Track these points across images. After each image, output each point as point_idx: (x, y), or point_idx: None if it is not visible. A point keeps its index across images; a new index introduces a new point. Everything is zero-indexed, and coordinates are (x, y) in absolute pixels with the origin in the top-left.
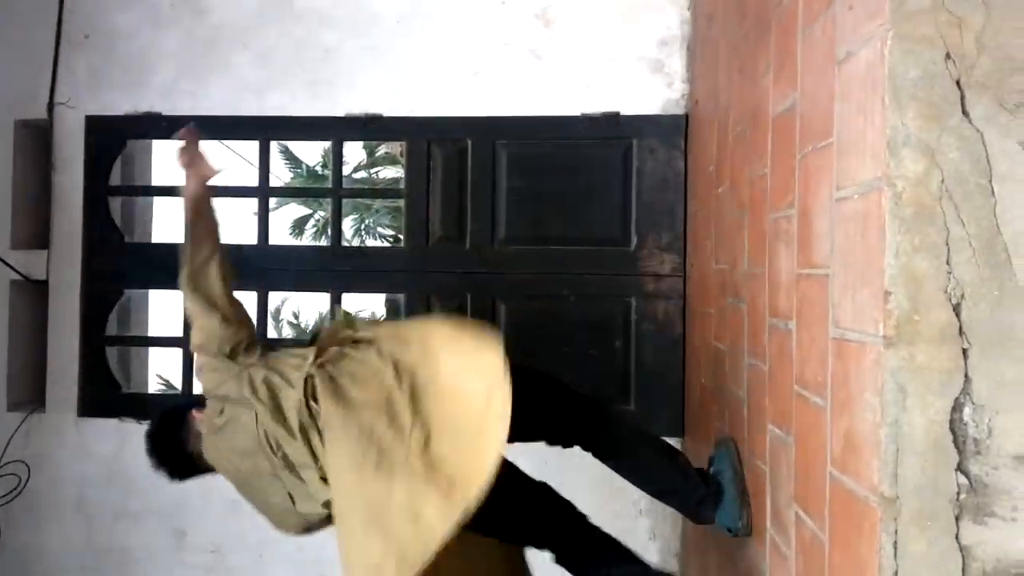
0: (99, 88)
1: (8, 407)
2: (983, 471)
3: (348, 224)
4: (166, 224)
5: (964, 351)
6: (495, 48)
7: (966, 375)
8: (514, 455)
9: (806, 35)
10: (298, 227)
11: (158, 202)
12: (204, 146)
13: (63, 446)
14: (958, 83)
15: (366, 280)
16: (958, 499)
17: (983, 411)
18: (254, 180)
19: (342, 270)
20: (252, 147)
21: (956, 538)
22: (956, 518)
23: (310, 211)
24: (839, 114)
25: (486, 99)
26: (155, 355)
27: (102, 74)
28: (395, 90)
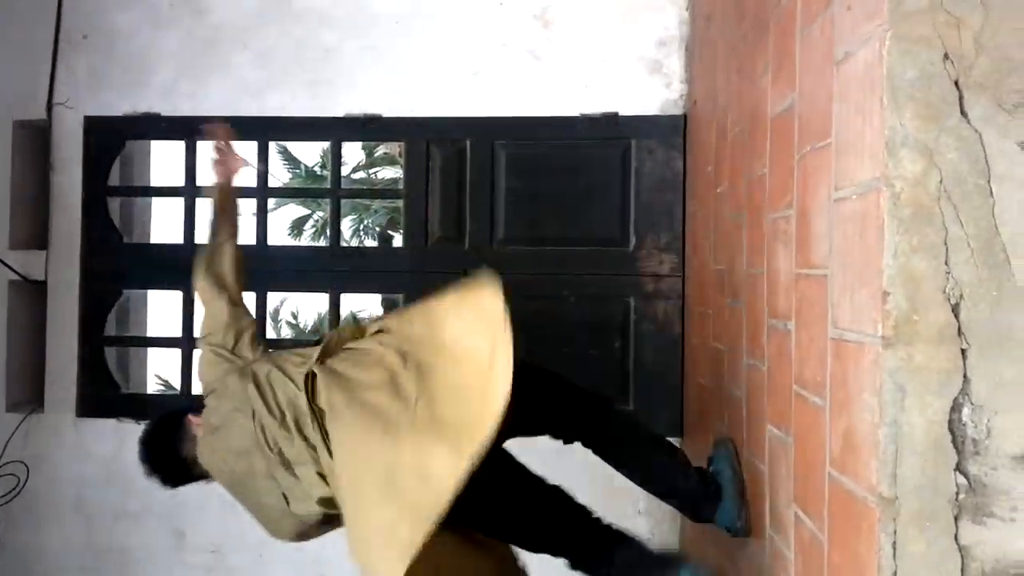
0: (98, 88)
1: (7, 407)
2: (982, 471)
3: (347, 224)
4: (165, 224)
5: (963, 351)
6: (494, 49)
7: (965, 375)
8: (515, 454)
9: (804, 35)
10: (297, 227)
11: (157, 202)
12: (234, 143)
13: (62, 446)
14: (956, 83)
15: (365, 280)
16: (957, 499)
17: (982, 411)
18: (253, 180)
19: (341, 270)
20: (251, 147)
21: (955, 538)
22: (955, 518)
23: (309, 211)
24: (837, 114)
25: (485, 99)
26: (154, 355)
27: (101, 74)
28: (394, 90)
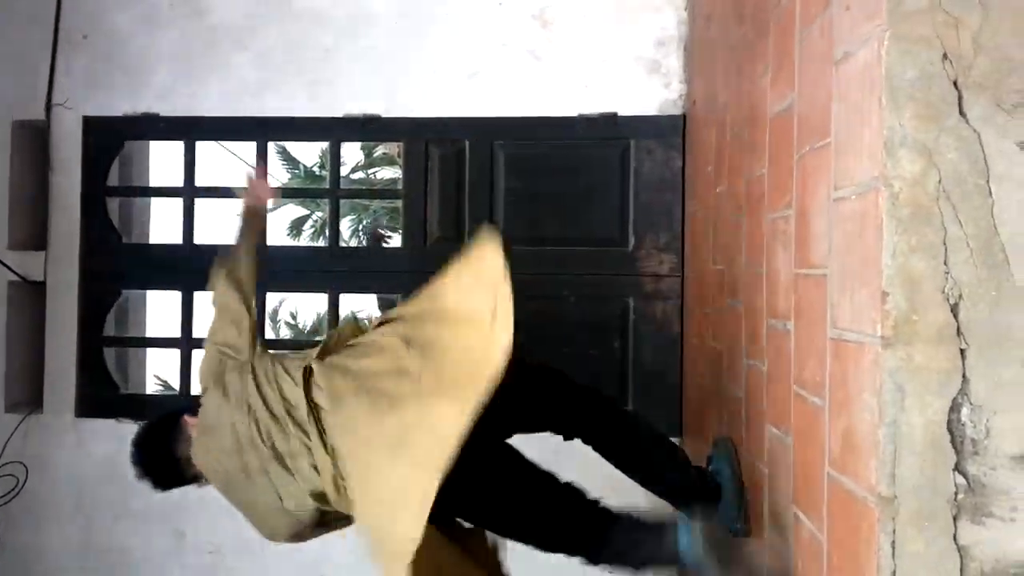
0: (97, 89)
1: (6, 408)
2: (981, 471)
3: (346, 225)
4: (164, 225)
5: (962, 351)
6: (493, 49)
7: (964, 375)
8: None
9: (804, 36)
10: (296, 228)
11: (156, 203)
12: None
13: (61, 447)
14: (955, 83)
15: (364, 280)
16: (956, 499)
17: (981, 411)
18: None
19: (340, 271)
20: (250, 148)
21: (954, 538)
22: (954, 518)
23: (308, 212)
24: (837, 114)
25: (484, 100)
26: (153, 356)
27: (100, 74)
28: (393, 91)
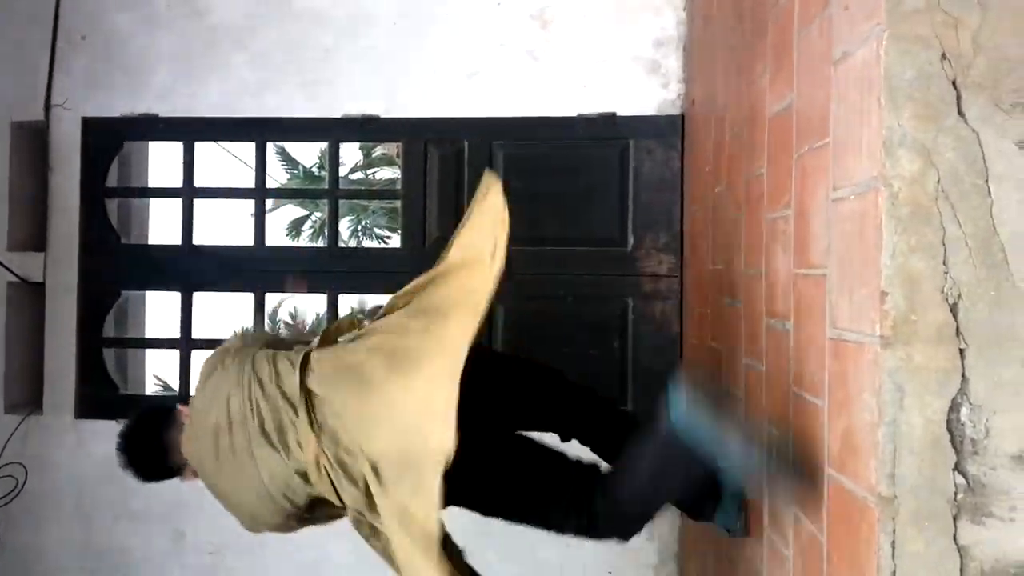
0: (96, 89)
1: (5, 409)
2: (981, 471)
3: (345, 225)
4: (163, 225)
5: (961, 351)
6: (492, 49)
7: (963, 375)
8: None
9: (802, 36)
10: (295, 228)
11: (155, 203)
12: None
13: (61, 447)
14: (954, 83)
15: (363, 281)
16: (956, 499)
17: (980, 411)
18: (250, 181)
19: (339, 271)
20: (248, 148)
21: (954, 538)
22: (954, 518)
23: (307, 212)
24: (835, 114)
25: (483, 100)
26: (152, 356)
27: (99, 75)
28: (392, 91)
